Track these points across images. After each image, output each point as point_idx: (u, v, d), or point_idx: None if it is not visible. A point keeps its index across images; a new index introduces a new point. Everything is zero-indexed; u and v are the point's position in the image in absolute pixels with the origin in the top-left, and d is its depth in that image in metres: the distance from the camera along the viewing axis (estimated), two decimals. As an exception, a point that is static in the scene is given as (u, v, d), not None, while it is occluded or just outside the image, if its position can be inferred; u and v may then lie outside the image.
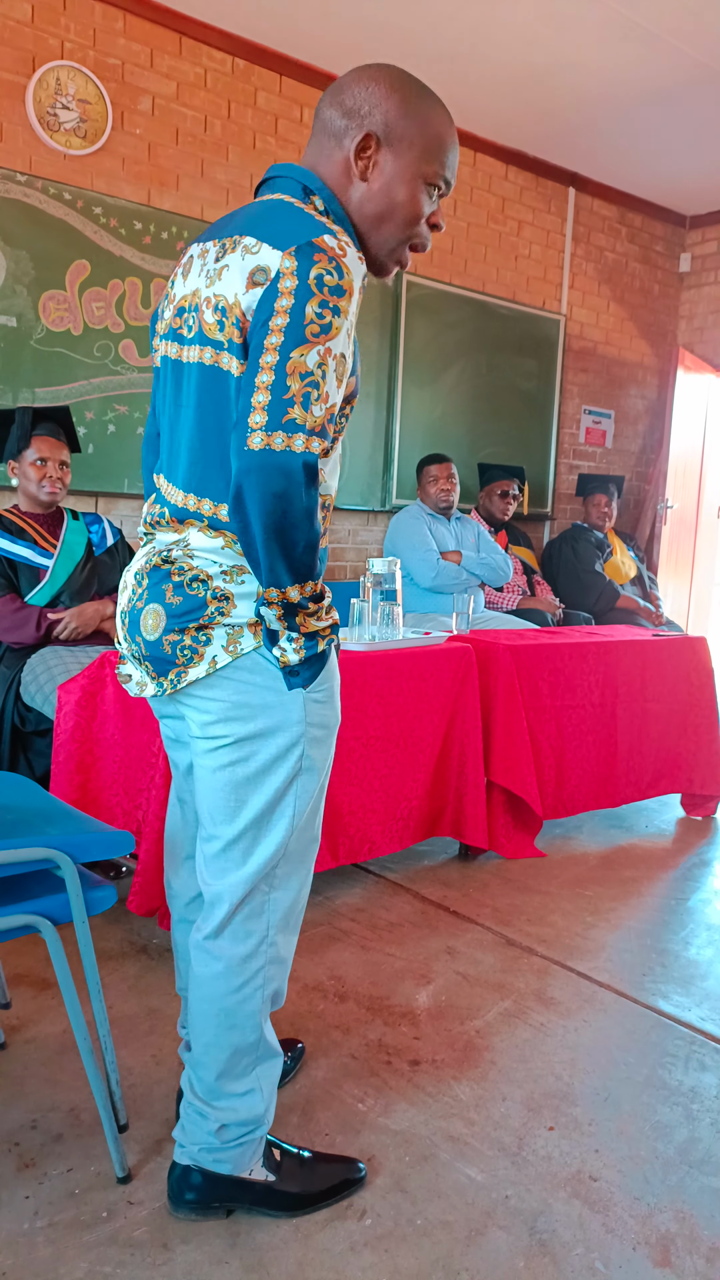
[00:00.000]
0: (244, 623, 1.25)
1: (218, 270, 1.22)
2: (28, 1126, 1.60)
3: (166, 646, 1.26)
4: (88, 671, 2.42)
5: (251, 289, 1.17)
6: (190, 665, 1.25)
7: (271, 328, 1.13)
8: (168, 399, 1.35)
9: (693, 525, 5.94)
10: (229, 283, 1.19)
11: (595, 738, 3.13)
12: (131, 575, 1.35)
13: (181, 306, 1.29)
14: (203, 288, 1.24)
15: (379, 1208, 1.45)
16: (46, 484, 2.89)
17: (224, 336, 1.20)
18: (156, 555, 1.30)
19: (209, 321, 1.22)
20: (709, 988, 2.20)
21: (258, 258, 1.16)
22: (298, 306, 1.12)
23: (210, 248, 1.26)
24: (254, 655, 1.26)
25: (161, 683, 1.28)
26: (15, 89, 3.40)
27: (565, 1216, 1.45)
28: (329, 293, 1.13)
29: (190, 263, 1.31)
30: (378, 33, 3.82)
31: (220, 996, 1.34)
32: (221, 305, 1.20)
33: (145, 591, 1.29)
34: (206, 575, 1.25)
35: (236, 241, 1.20)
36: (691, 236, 5.95)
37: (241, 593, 1.25)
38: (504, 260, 5.08)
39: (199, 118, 3.87)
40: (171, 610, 1.25)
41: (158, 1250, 1.35)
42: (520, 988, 2.16)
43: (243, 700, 1.26)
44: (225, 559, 1.26)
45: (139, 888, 2.14)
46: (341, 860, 2.50)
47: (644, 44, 3.82)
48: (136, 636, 1.30)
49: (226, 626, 1.25)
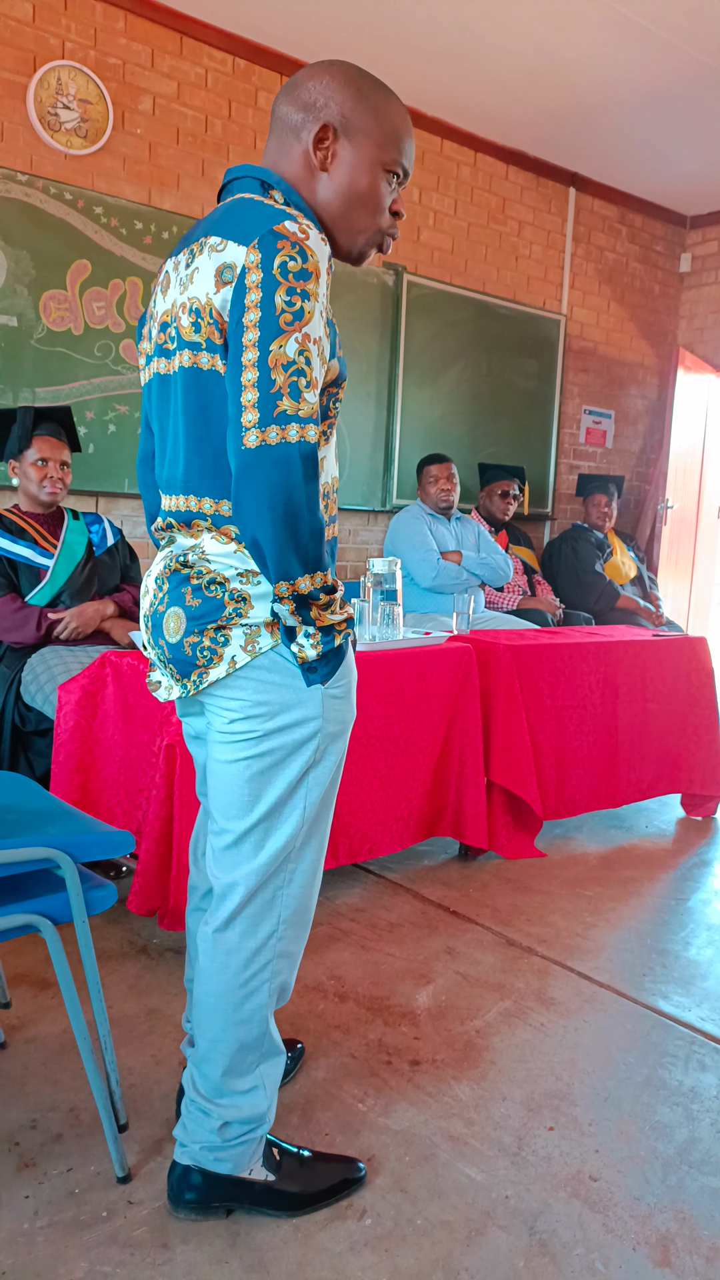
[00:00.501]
0: (261, 622, 1.27)
1: (189, 275, 1.24)
2: (28, 1126, 1.61)
3: (187, 648, 1.28)
4: (88, 671, 2.42)
5: (222, 288, 1.18)
6: (210, 666, 1.27)
7: (246, 324, 1.15)
8: (158, 414, 1.38)
9: (693, 525, 5.94)
10: (200, 285, 1.21)
11: (595, 738, 3.13)
12: (152, 580, 1.37)
13: (165, 321, 1.31)
14: (178, 297, 1.26)
15: (379, 1207, 1.45)
16: (47, 484, 2.89)
17: (201, 337, 1.22)
18: (175, 560, 1.33)
19: (185, 325, 1.24)
20: (709, 988, 2.20)
21: (223, 255, 1.18)
22: (267, 299, 1.14)
23: (182, 258, 1.29)
24: (272, 654, 1.28)
25: (185, 684, 1.31)
26: (16, 89, 3.40)
27: (565, 1216, 1.45)
28: (295, 278, 1.14)
29: (167, 278, 1.33)
30: (378, 32, 3.82)
31: (228, 990, 1.35)
32: (195, 307, 1.22)
33: (166, 595, 1.32)
34: (224, 578, 1.28)
35: (203, 244, 1.22)
36: (692, 236, 5.95)
37: (258, 593, 1.27)
38: (504, 260, 5.08)
39: (200, 117, 3.87)
40: (191, 613, 1.28)
41: (158, 1250, 1.35)
42: (520, 988, 2.16)
43: (262, 699, 1.28)
44: (239, 562, 1.28)
45: (139, 887, 2.14)
46: (342, 860, 2.50)
47: (645, 44, 3.82)
48: (160, 640, 1.33)
49: (244, 627, 1.27)
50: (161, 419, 1.37)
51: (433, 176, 4.68)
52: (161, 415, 1.36)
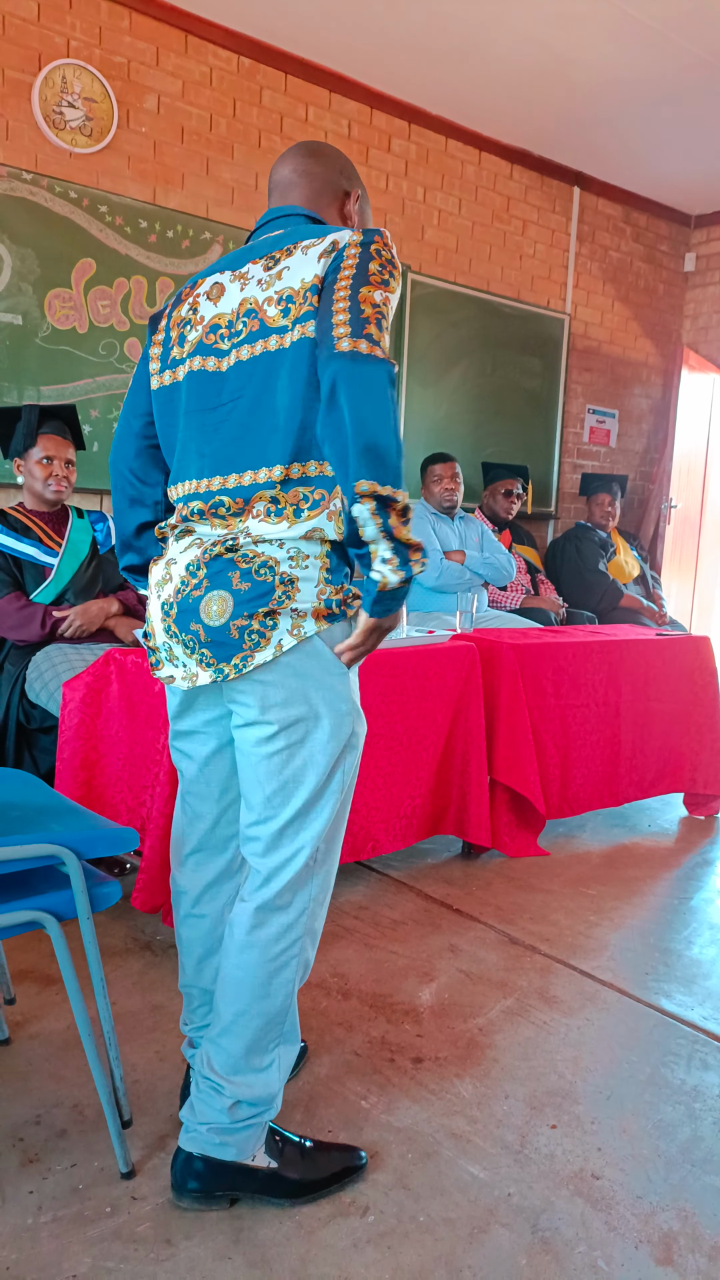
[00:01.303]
0: (308, 608, 1.32)
1: (276, 274, 1.36)
2: (32, 1122, 1.61)
3: (234, 631, 1.30)
4: (92, 669, 2.42)
5: (323, 260, 1.31)
6: (256, 650, 1.30)
7: (340, 276, 1.28)
8: (196, 410, 1.44)
9: (696, 525, 5.93)
10: (295, 273, 1.33)
11: (599, 737, 3.13)
12: (180, 568, 1.38)
13: (215, 324, 1.42)
14: (259, 295, 1.37)
15: (382, 1204, 1.46)
16: (53, 482, 2.90)
17: (291, 317, 1.32)
18: (216, 546, 1.34)
19: (271, 314, 1.35)
20: (712, 987, 2.21)
21: (323, 244, 1.33)
22: (362, 263, 1.28)
23: (250, 269, 1.40)
24: (315, 640, 1.33)
25: (221, 669, 1.32)
26: (21, 87, 3.41)
27: (568, 1214, 1.46)
28: (387, 262, 1.30)
29: (217, 289, 1.44)
30: (382, 31, 3.82)
31: (259, 965, 1.39)
32: (288, 294, 1.33)
33: (205, 580, 1.33)
34: (274, 561, 1.31)
35: (289, 250, 1.36)
36: (696, 236, 5.94)
37: (305, 576, 1.32)
38: (509, 259, 5.07)
39: (204, 116, 3.88)
40: (240, 596, 1.30)
41: (161, 1245, 1.35)
42: (523, 986, 2.16)
43: (300, 685, 1.33)
44: (290, 539, 1.33)
45: (143, 884, 2.14)
46: (345, 858, 2.50)
47: (649, 42, 3.82)
48: (192, 624, 1.34)
49: (292, 611, 1.31)
50: (200, 414, 1.42)
51: (437, 176, 4.68)
52: (201, 410, 1.42)
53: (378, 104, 4.38)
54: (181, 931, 1.59)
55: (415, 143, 4.58)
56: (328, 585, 1.33)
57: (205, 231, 3.87)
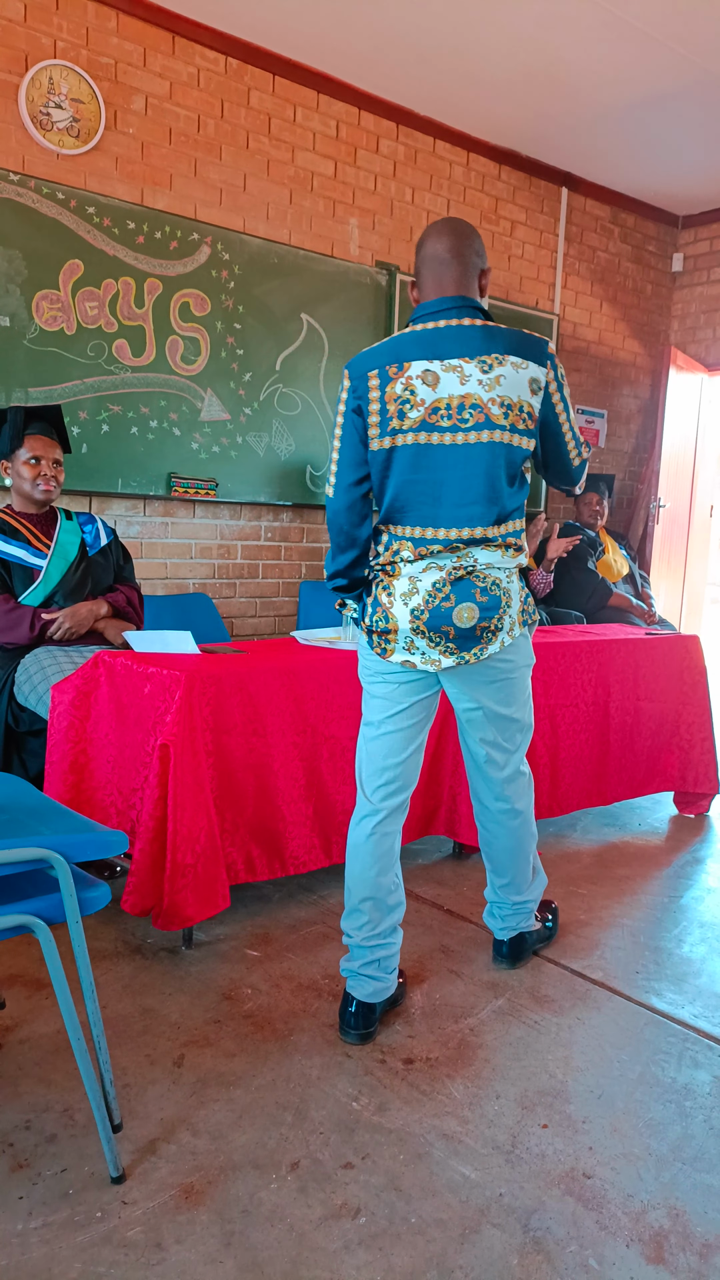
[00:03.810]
0: (517, 611, 1.96)
1: (494, 379, 1.85)
2: (21, 1127, 1.60)
3: (479, 631, 1.91)
4: (81, 671, 2.42)
5: (534, 394, 1.89)
6: (491, 643, 1.93)
7: (559, 414, 1.96)
8: (426, 469, 1.88)
9: (685, 524, 5.95)
10: (510, 389, 1.86)
11: (588, 736, 3.14)
12: (428, 584, 1.90)
13: (435, 407, 1.86)
14: (482, 394, 1.85)
15: (373, 1206, 1.46)
16: (41, 482, 2.89)
17: (508, 423, 1.87)
18: (458, 570, 1.90)
19: (495, 413, 1.86)
20: (702, 985, 2.21)
21: (528, 372, 1.88)
22: (562, 395, 1.95)
23: (463, 366, 1.85)
24: (522, 630, 1.99)
25: (463, 655, 1.91)
26: (8, 88, 3.39)
27: (559, 1214, 1.46)
28: (565, 379, 1.97)
29: (431, 376, 1.85)
30: (370, 32, 3.82)
31: (527, 821, 2.17)
32: (508, 403, 1.86)
33: (451, 594, 1.89)
34: (499, 580, 1.93)
35: (501, 359, 1.86)
36: (684, 236, 5.96)
37: (514, 590, 1.96)
38: (497, 260, 5.08)
39: (192, 117, 3.87)
40: (483, 607, 1.90)
41: (151, 1250, 1.35)
42: (514, 986, 2.16)
43: (516, 658, 2.02)
44: (508, 564, 1.94)
45: (133, 887, 2.13)
46: (336, 859, 2.50)
47: (637, 45, 3.83)
48: (443, 626, 1.89)
49: (510, 614, 1.94)
50: (436, 472, 1.88)
51: (425, 176, 4.69)
52: (438, 469, 1.88)
53: (366, 105, 4.38)
54: (368, 847, 1.97)
55: (403, 143, 4.58)
56: (524, 600, 2.00)
57: (193, 232, 3.87)
